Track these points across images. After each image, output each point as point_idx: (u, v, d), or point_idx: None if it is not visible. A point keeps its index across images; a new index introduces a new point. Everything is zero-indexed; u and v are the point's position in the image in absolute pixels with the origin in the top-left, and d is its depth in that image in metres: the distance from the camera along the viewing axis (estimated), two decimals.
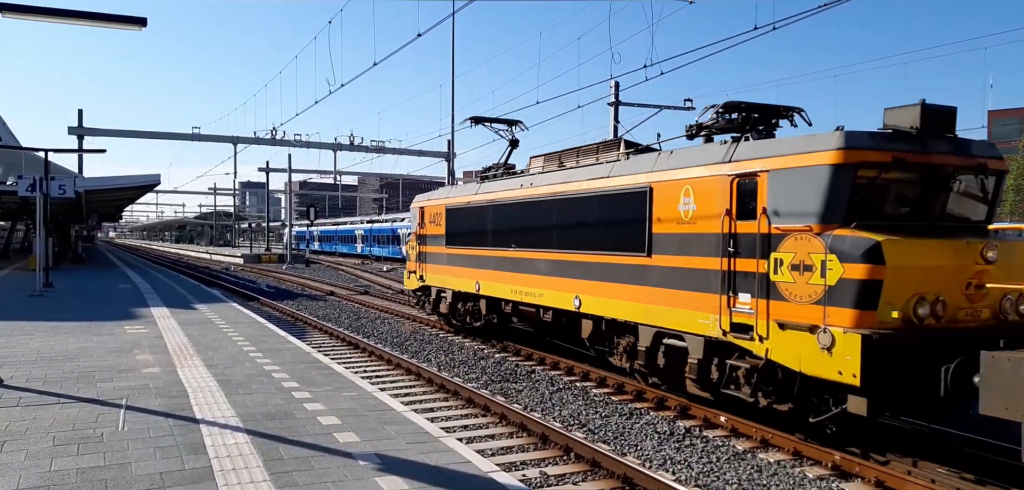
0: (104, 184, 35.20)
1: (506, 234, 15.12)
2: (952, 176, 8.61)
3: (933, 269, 7.83)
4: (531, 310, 14.55)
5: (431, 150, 57.23)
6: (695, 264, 9.96)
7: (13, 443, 6.35)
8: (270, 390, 8.87)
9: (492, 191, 15.95)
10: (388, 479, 5.71)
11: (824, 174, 8.14)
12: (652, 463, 8.41)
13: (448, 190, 18.90)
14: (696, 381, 10.10)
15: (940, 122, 8.58)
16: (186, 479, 5.55)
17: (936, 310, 7.77)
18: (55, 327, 14.14)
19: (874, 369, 7.49)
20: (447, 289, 18.10)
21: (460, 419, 10.10)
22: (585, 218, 12.56)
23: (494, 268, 15.63)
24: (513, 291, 14.84)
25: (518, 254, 14.62)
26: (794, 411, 8.83)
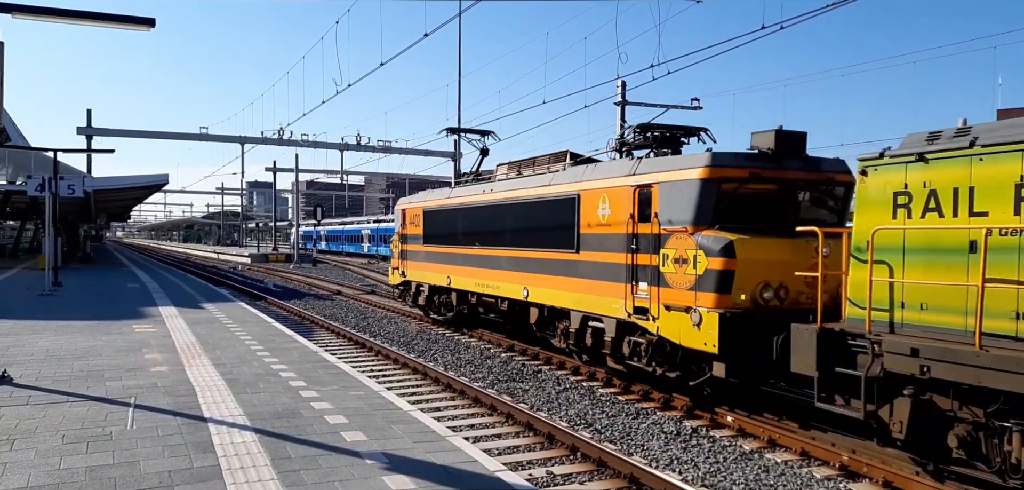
0: (113, 184, 35.38)
1: (472, 234, 16.95)
2: (801, 188, 10.54)
3: (777, 262, 9.69)
4: (492, 301, 16.54)
5: (438, 150, 57.27)
6: (609, 259, 11.92)
7: (23, 441, 6.40)
8: (277, 389, 8.90)
9: (461, 195, 17.81)
10: (395, 478, 5.72)
11: (695, 186, 10.10)
12: (659, 463, 8.40)
13: (426, 194, 20.61)
14: (610, 355, 12.15)
15: (792, 145, 10.51)
16: (194, 477, 5.58)
17: (779, 294, 9.77)
18: (64, 326, 14.22)
19: (727, 340, 9.48)
20: (425, 283, 19.98)
21: (467, 418, 10.12)
22: (532, 221, 14.42)
23: (462, 264, 17.47)
24: (477, 284, 16.71)
25: (481, 252, 16.53)
26: (680, 377, 10.74)
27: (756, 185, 10.21)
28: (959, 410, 7.05)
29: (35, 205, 34.66)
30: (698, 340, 9.86)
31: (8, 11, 8.31)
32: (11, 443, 6.32)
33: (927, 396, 7.27)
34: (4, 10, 8.29)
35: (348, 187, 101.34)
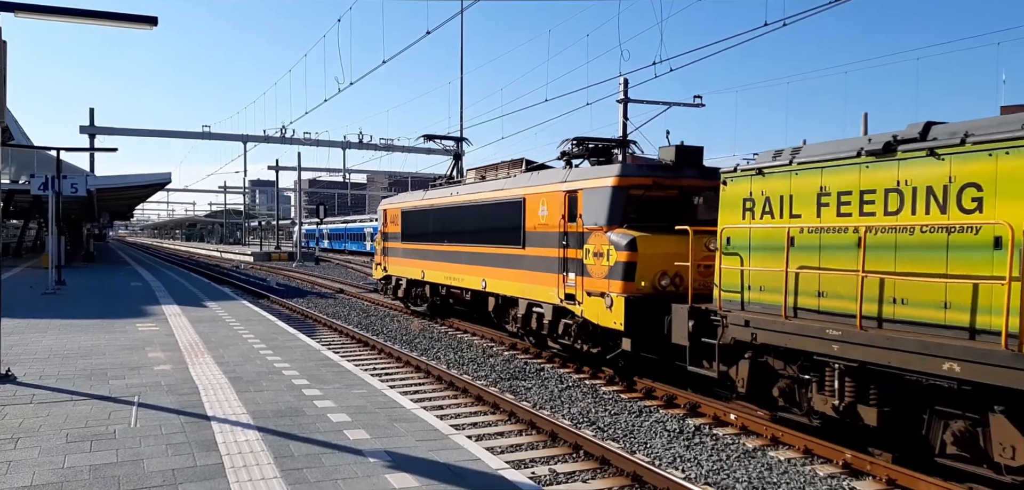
0: (115, 183, 35.44)
1: (441, 233, 18.87)
2: (697, 193, 12.46)
3: (672, 255, 11.52)
4: (458, 292, 18.40)
5: (439, 148, 57.26)
6: (547, 254, 13.83)
7: (27, 440, 6.41)
8: (280, 387, 8.91)
9: (433, 197, 19.73)
10: (398, 476, 5.73)
11: (608, 192, 12.10)
12: (662, 461, 8.39)
13: (405, 195, 22.49)
14: (548, 336, 14.12)
15: (689, 157, 12.75)
16: (198, 476, 5.58)
17: (674, 281, 11.70)
18: (68, 324, 14.25)
19: (631, 320, 11.43)
20: (403, 278, 21.92)
21: (469, 417, 10.12)
22: (488, 221, 16.33)
23: (434, 259, 19.41)
24: (446, 277, 18.62)
25: (449, 248, 18.45)
26: (600, 352, 12.68)
27: (658, 192, 12.31)
28: (783, 368, 9.06)
29: (38, 204, 34.72)
30: (610, 320, 11.84)
31: (11, 10, 8.32)
32: (15, 442, 6.33)
33: (763, 358, 9.25)
34: (7, 9, 8.29)
35: (350, 185, 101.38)
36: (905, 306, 7.51)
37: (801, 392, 8.87)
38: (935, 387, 7.23)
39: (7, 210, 39.11)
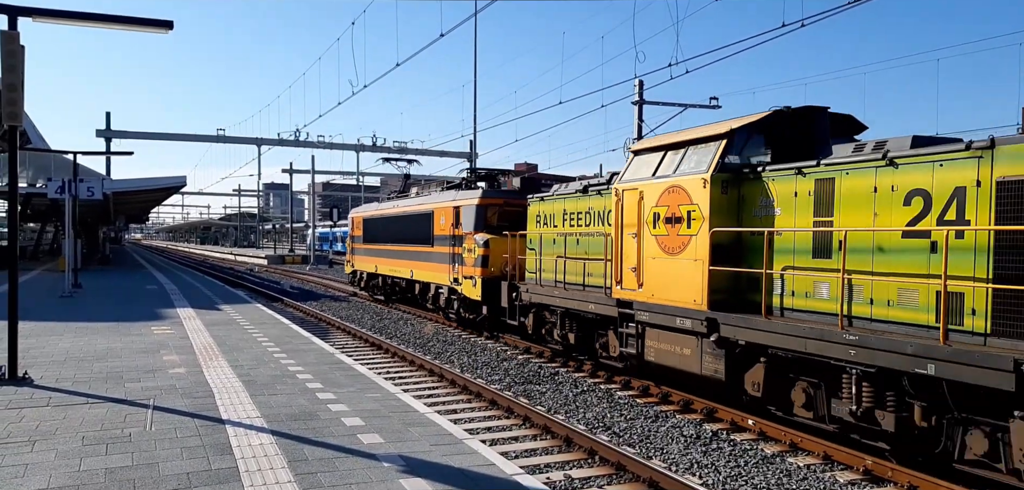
0: (131, 186, 35.70)
1: (387, 236, 24.87)
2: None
3: (511, 251, 16.62)
4: (399, 282, 24.35)
5: (453, 150, 57.32)
6: (444, 251, 19.77)
7: (43, 443, 6.42)
8: (294, 391, 8.90)
9: (383, 209, 25.92)
10: (412, 481, 5.68)
11: (474, 209, 18.07)
12: (678, 467, 8.30)
13: (366, 206, 28.83)
14: (445, 310, 20.09)
15: (533, 184, 18.24)
16: (213, 479, 5.56)
17: (514, 268, 16.63)
18: (84, 327, 14.33)
19: (485, 293, 17.26)
20: (364, 271, 28.24)
21: (483, 421, 10.06)
22: (413, 227, 22.24)
23: (383, 257, 25.41)
24: (390, 270, 24.61)
25: (392, 248, 24.43)
26: (476, 320, 18.15)
27: (509, 208, 18.16)
28: (549, 316, 14.73)
29: (55, 207, 35.02)
30: (475, 294, 17.76)
31: (29, 14, 8.37)
32: (32, 444, 6.34)
33: (541, 312, 15.04)
34: (24, 14, 8.35)
35: (364, 188, 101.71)
36: (591, 277, 13.60)
37: (554, 329, 14.56)
38: (598, 319, 13.05)
39: (24, 214, 39.46)
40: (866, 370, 7.84)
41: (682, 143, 10.98)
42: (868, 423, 8.01)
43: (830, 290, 8.73)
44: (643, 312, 11.38)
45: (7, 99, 7.89)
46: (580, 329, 13.65)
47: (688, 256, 10.42)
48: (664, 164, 11.15)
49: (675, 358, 10.77)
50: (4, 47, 7.92)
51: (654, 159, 11.42)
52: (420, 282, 21.81)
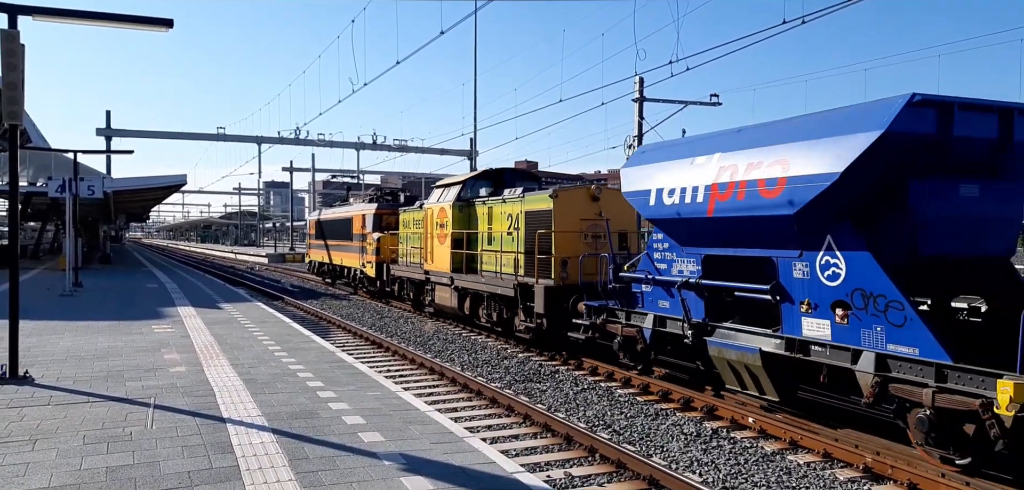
0: (132, 184, 35.69)
1: (329, 233, 34.11)
2: None
3: (396, 245, 24.60)
4: (336, 267, 33.08)
5: (453, 149, 57.26)
6: (357, 245, 28.35)
7: (44, 441, 6.42)
8: (295, 389, 8.91)
9: (327, 214, 35.50)
10: (413, 479, 5.69)
11: (372, 216, 26.98)
12: (679, 465, 8.31)
13: (320, 211, 37.86)
14: (359, 286, 28.96)
15: (414, 198, 27.50)
16: (214, 478, 5.57)
17: (396, 256, 24.46)
18: (85, 326, 14.34)
19: (377, 272, 25.90)
20: (317, 260, 37.95)
21: (484, 419, 10.07)
22: (342, 228, 31.18)
23: (326, 249, 34.72)
24: (330, 258, 33.97)
25: (331, 242, 33.54)
26: (373, 291, 27.12)
27: (396, 217, 25.25)
28: (406, 286, 23.37)
29: (55, 206, 35.02)
30: (372, 273, 26.11)
31: (28, 13, 8.37)
32: (33, 443, 6.35)
33: (403, 283, 23.53)
34: (24, 12, 8.35)
35: (364, 187, 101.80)
36: (417, 259, 20.57)
37: (411, 294, 22.48)
38: (419, 283, 21.91)
39: (25, 212, 39.46)
40: (494, 295, 16.90)
41: (447, 184, 20.25)
42: (502, 323, 16.87)
43: (492, 261, 17.23)
44: (433, 276, 20.34)
45: (7, 98, 7.89)
46: (414, 290, 22.51)
47: (446, 246, 19.29)
48: (440, 196, 20.27)
49: (444, 300, 19.56)
50: (4, 46, 7.92)
51: (437, 193, 20.78)
52: (346, 266, 31.09)
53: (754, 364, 9.66)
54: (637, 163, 11.79)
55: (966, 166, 8.37)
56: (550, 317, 14.51)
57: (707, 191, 9.96)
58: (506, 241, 16.57)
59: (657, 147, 12.00)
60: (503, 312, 16.62)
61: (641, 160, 11.76)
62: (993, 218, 8.58)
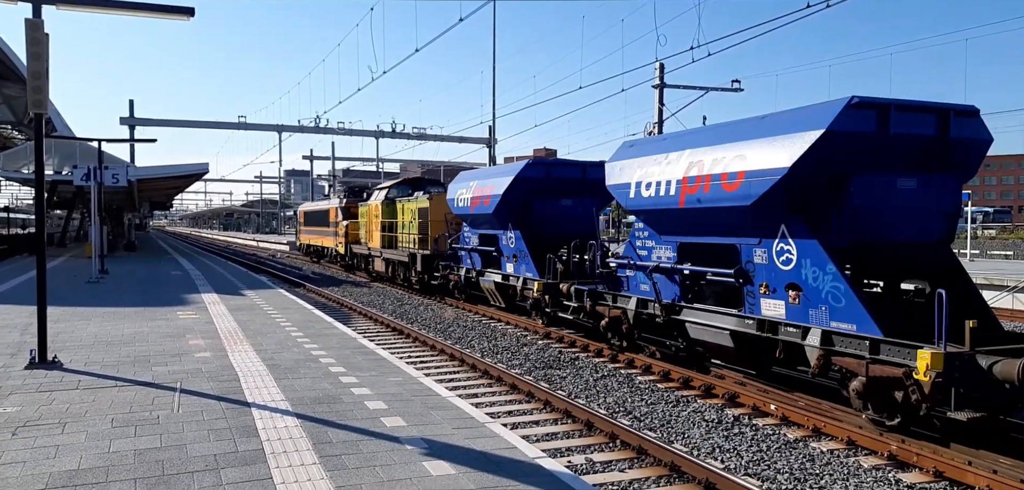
0: (155, 173, 36.10)
1: (313, 221, 44.49)
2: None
3: (357, 230, 33.68)
4: (320, 247, 42.87)
5: (472, 137, 57.26)
6: (333, 230, 38.69)
7: (74, 424, 6.54)
8: (318, 375, 8.99)
9: (311, 206, 47.55)
10: (435, 463, 5.72)
11: (342, 209, 36.23)
12: (700, 451, 8.28)
13: (305, 204, 50.17)
14: (335, 263, 38.87)
15: (359, 196, 37.62)
16: (239, 461, 5.64)
17: (360, 239, 32.58)
18: (111, 312, 14.56)
19: (346, 252, 35.16)
20: (305, 243, 47.52)
21: (504, 405, 10.11)
22: (323, 216, 41.39)
23: (311, 234, 45.26)
24: (317, 241, 43.44)
25: (315, 228, 43.97)
26: (343, 265, 36.63)
27: (355, 208, 33.93)
28: (367, 263, 31.77)
29: (81, 194, 35.52)
30: (342, 251, 35.51)
31: (52, 2, 8.46)
32: (62, 426, 6.47)
33: (363, 259, 32.70)
34: (48, 1, 8.43)
35: (384, 175, 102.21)
36: (368, 241, 30.07)
37: (363, 264, 32.14)
38: (366, 257, 31.64)
39: (50, 201, 40.03)
40: (401, 262, 25.61)
41: (383, 187, 28.81)
42: (406, 280, 25.54)
43: (403, 240, 25.33)
44: (372, 252, 28.96)
45: (32, 87, 8.00)
46: (364, 262, 31.63)
47: (378, 230, 27.78)
48: (376, 196, 28.93)
49: (379, 268, 28.16)
50: (28, 35, 8.02)
51: (376, 193, 29.63)
52: (325, 247, 41.59)
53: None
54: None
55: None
56: (425, 272, 23.15)
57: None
58: (410, 227, 24.91)
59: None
60: (408, 273, 25.03)
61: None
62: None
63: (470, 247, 19.98)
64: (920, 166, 9.42)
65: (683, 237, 11.60)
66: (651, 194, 11.69)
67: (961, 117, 9.47)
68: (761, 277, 10.08)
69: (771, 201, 9.52)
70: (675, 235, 11.75)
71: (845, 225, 9.24)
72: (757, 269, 10.17)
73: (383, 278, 28.65)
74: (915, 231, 9.53)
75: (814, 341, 9.18)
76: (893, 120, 9.00)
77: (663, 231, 12.00)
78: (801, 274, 9.42)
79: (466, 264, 20.21)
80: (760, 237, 10.07)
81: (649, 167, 11.89)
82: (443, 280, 21.85)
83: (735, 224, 10.33)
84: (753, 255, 10.24)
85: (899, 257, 9.75)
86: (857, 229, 9.26)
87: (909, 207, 9.39)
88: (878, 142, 9.03)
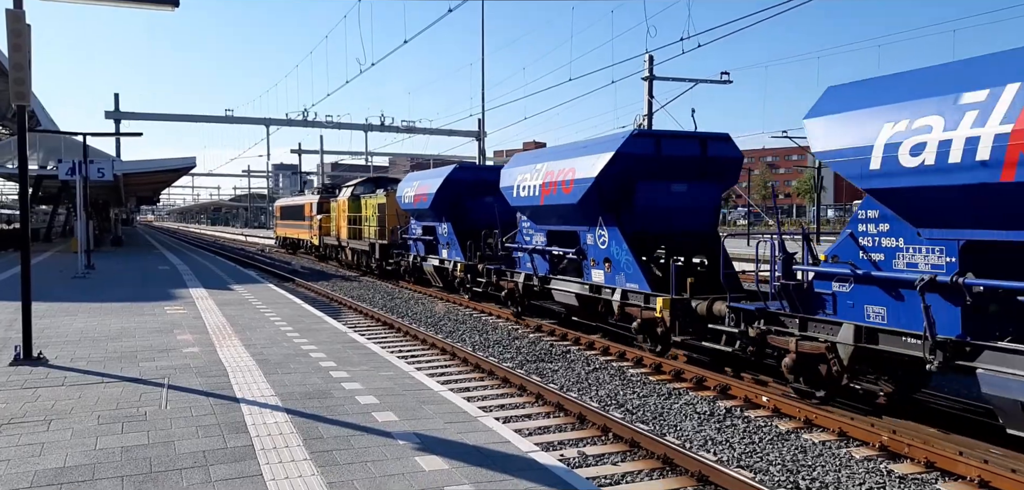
0: (141, 167, 35.77)
1: (289, 215, 48.01)
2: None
3: (329, 223, 37.67)
4: (295, 240, 46.83)
5: (461, 130, 57.07)
6: (308, 223, 41.86)
7: (59, 422, 6.43)
8: (308, 370, 8.90)
9: (286, 201, 52.19)
10: (427, 458, 5.66)
11: (316, 202, 39.27)
12: (693, 443, 8.26)
13: (282, 199, 57.31)
14: (309, 252, 43.51)
15: (332, 192, 39.99)
16: (228, 457, 5.56)
17: (331, 231, 36.96)
18: (97, 308, 14.40)
19: (319, 243, 38.92)
20: (282, 235, 50.55)
21: (496, 398, 10.06)
22: (299, 210, 45.14)
23: (288, 227, 48.16)
24: (289, 233, 48.02)
25: (291, 222, 47.37)
26: (321, 254, 39.60)
27: (329, 203, 37.19)
28: (337, 251, 35.54)
29: (66, 189, 35.16)
30: (316, 242, 39.40)
31: None
32: (48, 424, 6.36)
33: (335, 249, 36.03)
34: None
35: (372, 168, 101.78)
36: (338, 232, 34.11)
37: (334, 254, 36.22)
38: (337, 248, 35.63)
39: (36, 196, 39.61)
40: (364, 250, 29.74)
41: (349, 185, 33.37)
42: (368, 267, 29.78)
43: (366, 231, 29.12)
44: (341, 242, 32.94)
45: (14, 79, 7.85)
46: (334, 252, 35.36)
47: (345, 223, 32.03)
48: (343, 193, 33.30)
49: (346, 257, 32.85)
50: (10, 26, 7.87)
51: (344, 191, 33.23)
52: (301, 239, 44.89)
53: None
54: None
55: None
56: (383, 259, 27.44)
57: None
58: (371, 220, 28.61)
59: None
60: (369, 260, 28.91)
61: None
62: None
63: (415, 236, 23.80)
64: (691, 175, 13.13)
65: (549, 226, 15.22)
66: (526, 194, 15.44)
67: (716, 141, 13.29)
68: (591, 253, 13.85)
69: (589, 199, 13.15)
70: (544, 225, 15.40)
71: (634, 218, 12.99)
72: (588, 248, 13.89)
73: (350, 266, 32.77)
74: (689, 222, 13.32)
75: (617, 297, 13.14)
76: (664, 145, 12.78)
77: (537, 221, 15.63)
78: (611, 251, 13.19)
79: (413, 251, 24.32)
80: (589, 225, 13.74)
81: (525, 174, 15.56)
82: (395, 265, 26.28)
83: (573, 216, 14.01)
84: (587, 238, 13.92)
85: (679, 241, 13.50)
86: (642, 222, 13.03)
87: (682, 206, 13.21)
88: (655, 160, 12.73)
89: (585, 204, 13.30)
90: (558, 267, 15.36)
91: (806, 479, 7.25)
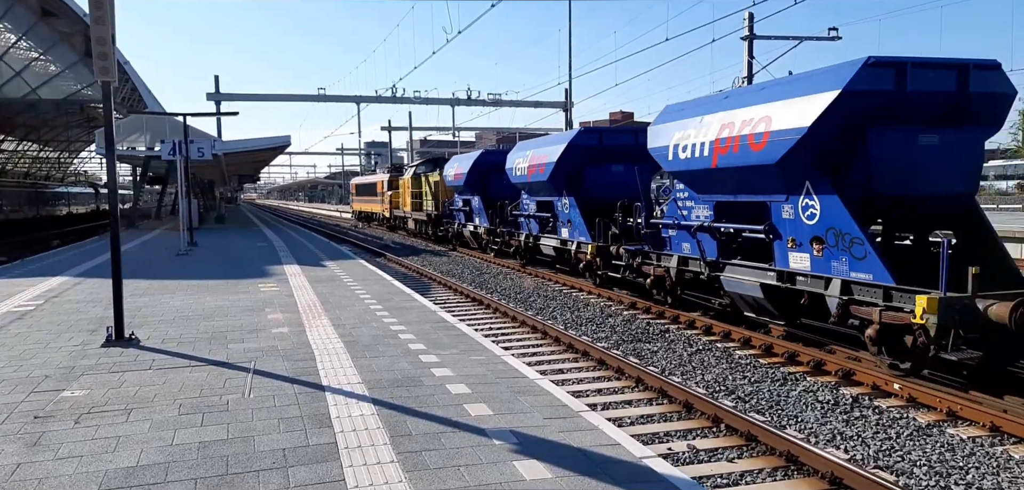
0: (239, 146, 36.80)
1: (363, 192, 56.68)
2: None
3: (397, 198, 44.89)
4: (369, 214, 53.89)
5: (548, 101, 56.16)
6: (379, 199, 49.20)
7: (139, 411, 6.18)
8: (396, 353, 8.46)
9: (360, 179, 61.69)
10: (528, 463, 5.04)
11: (387, 180, 47.24)
12: (818, 439, 7.34)
13: (356, 177, 64.29)
14: (382, 222, 49.48)
15: (400, 172, 47.26)
16: (310, 457, 5.12)
17: (398, 206, 43.30)
18: (196, 285, 14.55)
19: (390, 216, 46.56)
20: (359, 210, 58.57)
21: (592, 382, 9.38)
22: (371, 188, 53.06)
23: (363, 203, 56.71)
24: (366, 208, 55.63)
25: (365, 197, 55.70)
26: (387, 226, 48.26)
27: (400, 179, 42.91)
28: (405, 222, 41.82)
29: (174, 169, 36.54)
30: (387, 215, 46.36)
31: None
32: (128, 414, 6.11)
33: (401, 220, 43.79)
34: None
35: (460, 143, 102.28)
36: (405, 206, 40.48)
37: (401, 224, 42.74)
38: (403, 219, 42.28)
39: (144, 176, 41.48)
40: (423, 220, 36.39)
41: (412, 166, 41.42)
42: (427, 235, 35.93)
43: (427, 205, 35.27)
44: (405, 215, 39.48)
45: (97, 53, 7.66)
46: (400, 223, 41.69)
47: (408, 198, 38.10)
48: (407, 172, 40.33)
49: (409, 228, 39.31)
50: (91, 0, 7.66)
51: (408, 170, 40.61)
52: (373, 212, 50.96)
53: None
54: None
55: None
56: (435, 228, 33.01)
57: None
58: (428, 195, 34.04)
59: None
60: (428, 229, 34.24)
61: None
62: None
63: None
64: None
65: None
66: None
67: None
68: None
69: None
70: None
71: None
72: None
73: (414, 234, 38.80)
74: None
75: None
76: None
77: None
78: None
79: (458, 221, 29.27)
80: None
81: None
82: (444, 232, 32.02)
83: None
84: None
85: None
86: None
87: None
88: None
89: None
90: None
91: (960, 483, 6.25)
